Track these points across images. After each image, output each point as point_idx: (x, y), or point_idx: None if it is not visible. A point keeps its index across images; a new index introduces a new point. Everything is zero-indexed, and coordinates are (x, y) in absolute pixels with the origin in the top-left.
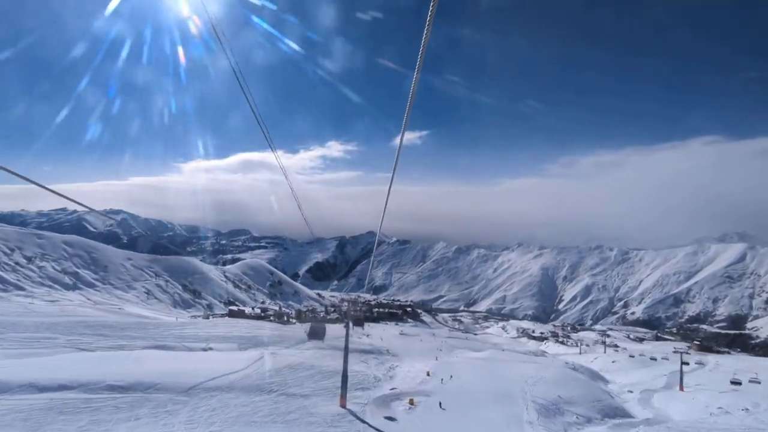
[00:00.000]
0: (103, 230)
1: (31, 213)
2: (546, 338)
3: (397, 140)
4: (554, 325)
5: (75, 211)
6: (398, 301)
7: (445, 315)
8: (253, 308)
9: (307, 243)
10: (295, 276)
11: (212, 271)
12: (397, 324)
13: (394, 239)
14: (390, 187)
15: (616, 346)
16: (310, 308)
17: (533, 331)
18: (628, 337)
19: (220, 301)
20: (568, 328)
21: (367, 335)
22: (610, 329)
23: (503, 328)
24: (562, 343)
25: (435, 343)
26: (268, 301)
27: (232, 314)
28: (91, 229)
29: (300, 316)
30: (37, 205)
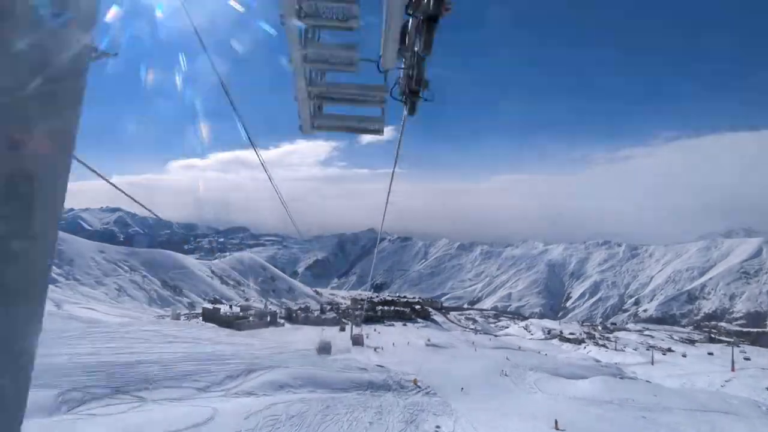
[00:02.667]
0: (100, 228)
1: None
2: (582, 341)
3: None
4: (582, 324)
5: (72, 209)
6: (404, 297)
7: (456, 313)
8: (231, 306)
9: (306, 240)
10: (294, 274)
11: (197, 266)
12: (405, 324)
13: (395, 236)
14: (390, 184)
15: (669, 350)
16: (303, 306)
17: (561, 332)
18: (671, 337)
19: (205, 299)
20: (600, 328)
21: (376, 349)
22: (647, 328)
23: (526, 328)
24: (603, 346)
25: (485, 360)
26: (254, 297)
27: (206, 315)
28: (87, 227)
29: (291, 316)
30: None
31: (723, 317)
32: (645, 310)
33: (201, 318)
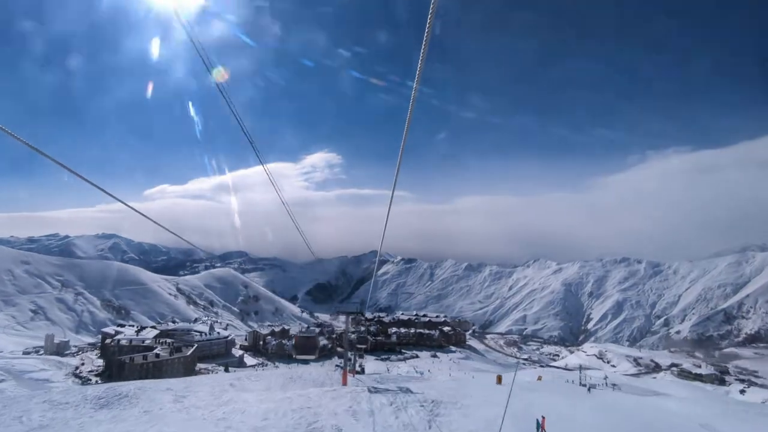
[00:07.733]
0: (94, 254)
1: (21, 239)
2: (722, 379)
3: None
4: (672, 353)
5: (67, 236)
6: (425, 316)
7: (494, 336)
8: (137, 331)
9: (306, 264)
10: (294, 299)
11: (158, 282)
12: (435, 355)
13: (399, 258)
14: (390, 206)
15: None
16: (279, 329)
17: (653, 362)
18: None
19: (161, 322)
20: (701, 355)
21: None
22: (762, 354)
23: (600, 356)
24: (749, 382)
25: None
26: (232, 320)
27: (105, 346)
28: (81, 253)
29: (257, 344)
30: (28, 232)
31: None
32: (678, 332)
33: (98, 351)
